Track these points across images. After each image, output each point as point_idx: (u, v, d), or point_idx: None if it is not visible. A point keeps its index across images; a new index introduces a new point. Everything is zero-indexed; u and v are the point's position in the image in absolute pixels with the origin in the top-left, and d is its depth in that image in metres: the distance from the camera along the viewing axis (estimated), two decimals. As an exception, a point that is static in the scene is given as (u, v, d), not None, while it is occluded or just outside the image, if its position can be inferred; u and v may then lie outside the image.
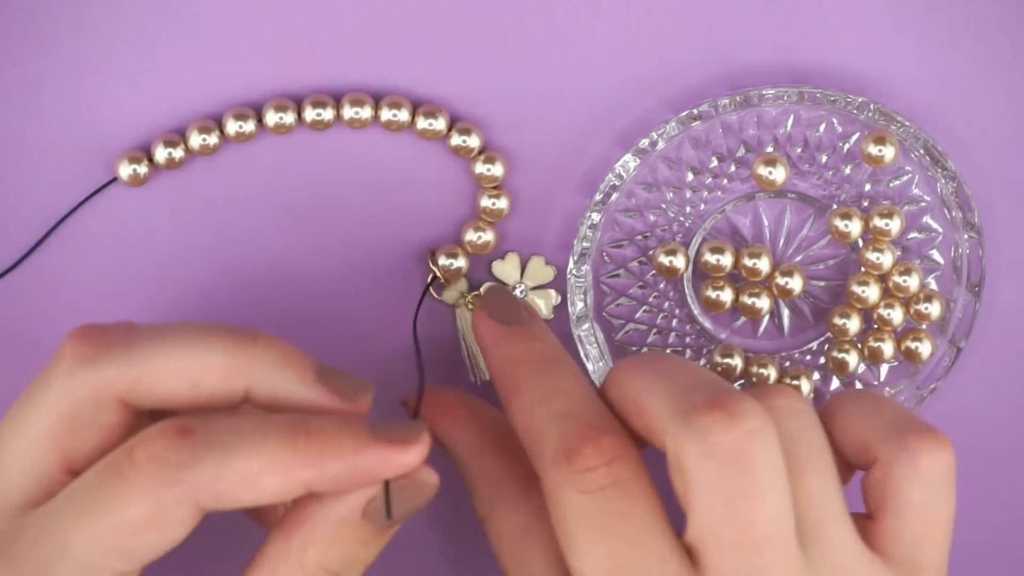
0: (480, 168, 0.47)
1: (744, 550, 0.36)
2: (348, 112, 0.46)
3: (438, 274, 0.47)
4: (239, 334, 0.39)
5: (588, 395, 0.39)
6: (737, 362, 0.47)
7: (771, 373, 0.47)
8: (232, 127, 0.46)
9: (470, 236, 0.47)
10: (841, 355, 0.47)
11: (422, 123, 0.47)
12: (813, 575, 0.37)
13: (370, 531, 0.38)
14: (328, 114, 0.46)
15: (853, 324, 0.47)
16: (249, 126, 0.46)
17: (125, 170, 0.46)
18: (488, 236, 0.47)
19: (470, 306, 0.48)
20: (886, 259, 0.46)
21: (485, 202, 0.47)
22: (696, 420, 0.36)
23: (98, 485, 0.36)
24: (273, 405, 0.38)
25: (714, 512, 0.36)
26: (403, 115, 0.46)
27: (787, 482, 0.36)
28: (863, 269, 0.47)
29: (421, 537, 0.48)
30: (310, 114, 0.46)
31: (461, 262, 0.47)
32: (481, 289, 0.47)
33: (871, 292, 0.46)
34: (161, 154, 0.46)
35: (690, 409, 0.36)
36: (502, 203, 0.47)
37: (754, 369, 0.47)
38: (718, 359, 0.47)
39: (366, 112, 0.46)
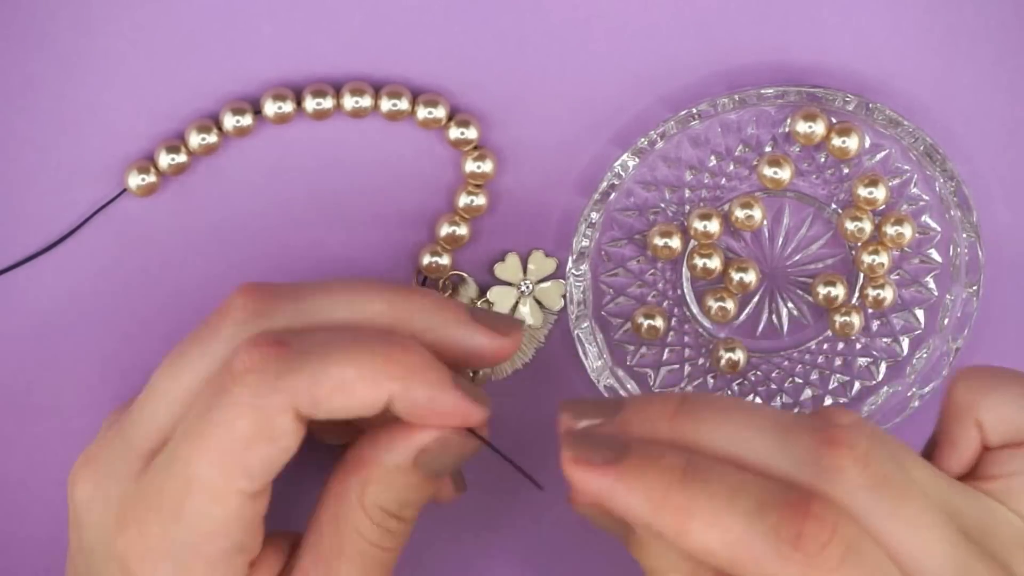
0: (471, 166, 0.47)
1: None
2: (348, 102, 0.47)
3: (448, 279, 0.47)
4: (397, 287, 0.40)
5: (754, 476, 0.36)
6: (739, 356, 0.47)
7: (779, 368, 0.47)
8: (230, 122, 0.46)
9: (445, 231, 0.47)
10: (844, 318, 0.47)
11: (422, 112, 0.47)
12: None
13: (420, 478, 0.39)
14: (328, 103, 0.47)
15: (839, 291, 0.47)
16: (247, 120, 0.46)
17: (134, 180, 0.47)
18: (462, 231, 0.47)
19: None
20: (867, 227, 0.47)
21: (464, 199, 0.47)
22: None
23: (207, 409, 0.37)
24: (437, 350, 0.40)
25: None
26: (403, 104, 0.47)
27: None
28: (854, 253, 0.47)
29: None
30: (310, 104, 0.46)
31: (445, 260, 0.47)
32: (490, 293, 0.48)
33: (882, 259, 0.47)
34: (165, 160, 0.47)
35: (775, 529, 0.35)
36: (480, 200, 0.47)
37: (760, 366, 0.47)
38: (722, 353, 0.47)
39: (366, 101, 0.47)
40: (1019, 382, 0.39)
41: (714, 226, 0.47)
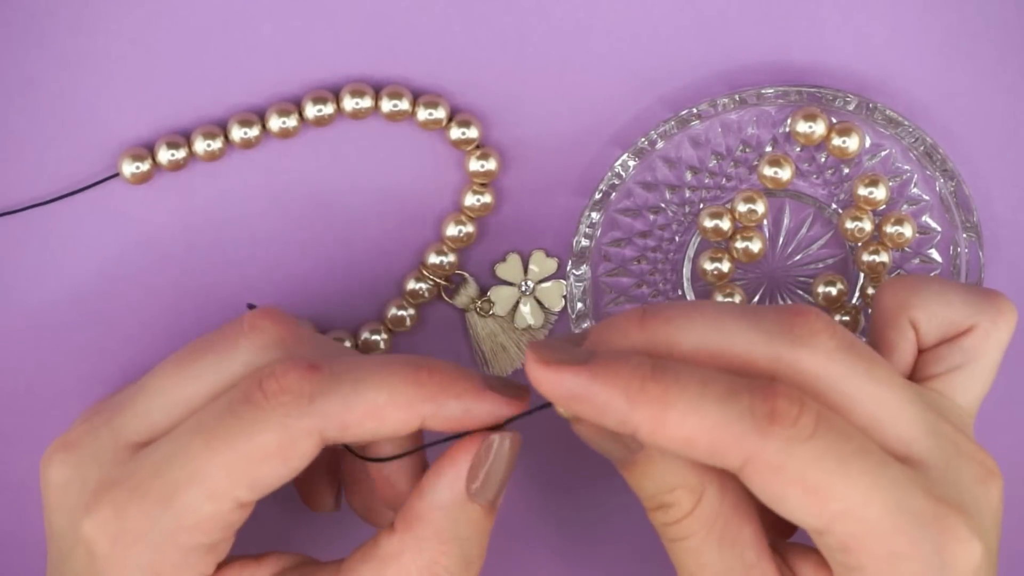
0: (475, 165, 0.47)
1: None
2: (349, 103, 0.47)
3: (438, 281, 0.47)
4: (413, 359, 0.39)
5: (718, 371, 0.37)
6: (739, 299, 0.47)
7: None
8: (237, 133, 0.47)
9: (451, 231, 0.47)
10: (844, 318, 0.47)
11: (423, 113, 0.47)
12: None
13: (479, 512, 0.39)
14: (329, 108, 0.47)
15: (839, 291, 0.47)
16: (254, 131, 0.47)
17: (128, 167, 0.47)
18: (469, 229, 0.47)
19: (480, 311, 0.48)
20: (867, 226, 0.47)
21: (471, 199, 0.47)
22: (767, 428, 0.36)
23: (229, 414, 0.38)
24: (450, 423, 0.39)
25: None
26: (404, 104, 0.47)
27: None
28: (854, 252, 0.47)
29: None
30: (311, 111, 0.46)
31: (451, 259, 0.47)
32: (489, 294, 0.48)
33: (882, 259, 0.47)
34: (164, 155, 0.47)
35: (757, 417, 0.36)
36: (486, 199, 0.47)
37: None
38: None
39: (366, 102, 0.47)
40: (939, 281, 0.41)
41: (726, 224, 0.47)
